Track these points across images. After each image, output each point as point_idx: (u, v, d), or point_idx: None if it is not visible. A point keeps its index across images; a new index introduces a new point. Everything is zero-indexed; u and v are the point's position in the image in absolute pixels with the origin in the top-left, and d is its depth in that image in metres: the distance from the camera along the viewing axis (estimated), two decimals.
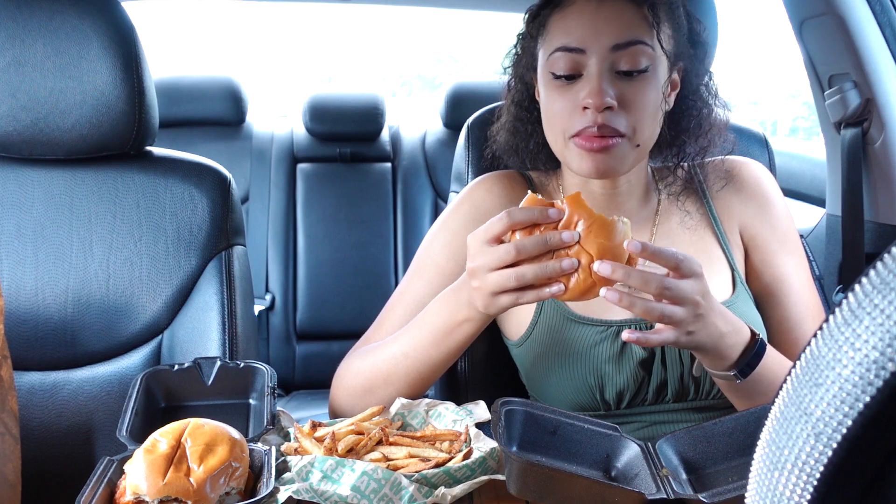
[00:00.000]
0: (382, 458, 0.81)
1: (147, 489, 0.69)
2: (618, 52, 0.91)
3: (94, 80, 1.11)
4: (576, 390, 0.98)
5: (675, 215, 1.05)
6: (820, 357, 0.27)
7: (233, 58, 4.04)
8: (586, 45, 0.92)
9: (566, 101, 0.93)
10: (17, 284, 1.14)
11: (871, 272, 0.26)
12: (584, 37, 0.92)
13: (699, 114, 1.00)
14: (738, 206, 1.05)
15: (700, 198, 1.06)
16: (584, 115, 0.91)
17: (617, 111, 0.91)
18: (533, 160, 1.07)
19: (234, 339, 1.13)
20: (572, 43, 0.93)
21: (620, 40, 0.91)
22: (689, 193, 1.06)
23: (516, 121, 1.06)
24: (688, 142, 1.01)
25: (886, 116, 1.33)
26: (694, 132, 1.00)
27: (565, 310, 1.00)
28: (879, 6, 1.31)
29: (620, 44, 0.91)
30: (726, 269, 1.02)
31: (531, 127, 1.05)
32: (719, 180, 1.06)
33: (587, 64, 0.92)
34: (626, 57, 0.91)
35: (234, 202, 1.20)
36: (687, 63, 0.99)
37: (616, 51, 0.91)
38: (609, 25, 0.92)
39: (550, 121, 0.97)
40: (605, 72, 0.91)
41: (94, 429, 1.13)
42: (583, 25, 0.93)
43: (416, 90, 4.61)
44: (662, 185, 1.06)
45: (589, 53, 0.92)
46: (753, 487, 0.31)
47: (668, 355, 0.96)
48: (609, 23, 0.92)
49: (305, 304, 2.43)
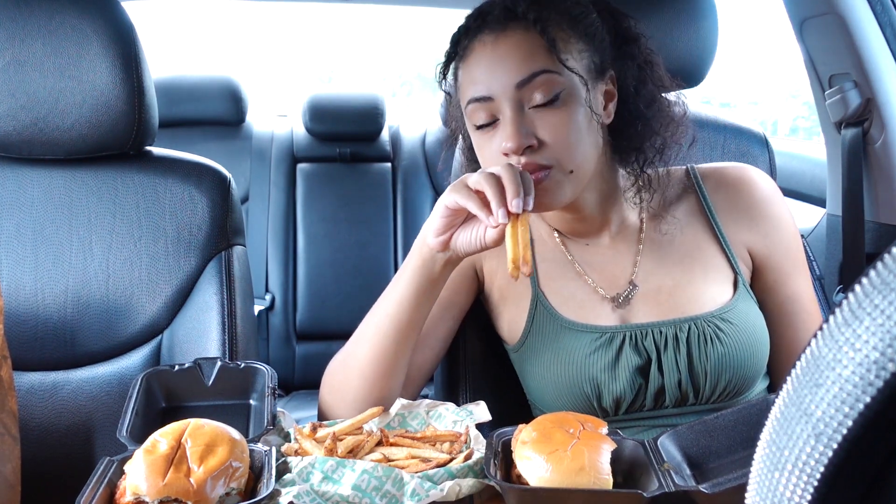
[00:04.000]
0: (383, 459, 0.80)
1: (147, 489, 0.69)
2: (523, 89, 0.89)
3: (93, 79, 1.11)
4: (573, 397, 0.97)
5: (665, 222, 1.03)
6: (820, 357, 0.27)
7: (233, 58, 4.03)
8: (492, 91, 0.90)
9: (491, 149, 0.93)
10: (17, 284, 1.14)
11: (872, 272, 0.26)
12: (487, 83, 0.91)
13: (643, 115, 0.98)
14: (747, 224, 1.03)
15: (699, 201, 1.04)
16: (509, 160, 0.91)
17: (538, 147, 0.90)
18: None
19: (234, 339, 1.13)
20: (479, 92, 0.91)
21: (522, 76, 0.89)
22: (686, 198, 1.05)
23: (471, 163, 1.05)
24: (644, 145, 0.98)
25: (887, 116, 1.33)
26: (646, 135, 0.98)
27: (558, 316, 1.00)
28: (880, 6, 1.31)
29: (522, 80, 0.89)
30: (727, 272, 1.01)
31: None
32: (719, 187, 1.04)
33: (499, 108, 0.91)
34: (533, 89, 0.89)
35: (234, 202, 1.20)
36: (618, 68, 0.96)
37: (521, 87, 0.89)
38: (507, 64, 0.90)
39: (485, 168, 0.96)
40: (515, 113, 0.89)
41: (94, 429, 1.13)
42: (483, 71, 0.91)
43: (416, 90, 4.61)
44: (645, 194, 1.03)
45: (497, 98, 0.90)
46: (754, 488, 0.31)
47: (665, 361, 0.95)
48: (506, 61, 0.90)
49: (305, 304, 2.43)
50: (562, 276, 1.03)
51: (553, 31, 0.90)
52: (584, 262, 1.03)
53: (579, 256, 1.04)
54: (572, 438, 0.76)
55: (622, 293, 1.00)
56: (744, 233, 1.03)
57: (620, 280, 1.01)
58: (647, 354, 0.96)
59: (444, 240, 0.91)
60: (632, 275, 1.01)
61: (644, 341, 0.96)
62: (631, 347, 0.96)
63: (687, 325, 0.96)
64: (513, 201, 0.82)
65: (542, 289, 1.03)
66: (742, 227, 1.03)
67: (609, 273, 1.02)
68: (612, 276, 1.02)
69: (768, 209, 1.03)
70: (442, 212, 0.89)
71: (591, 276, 1.02)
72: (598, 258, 1.03)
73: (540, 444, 0.76)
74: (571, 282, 1.02)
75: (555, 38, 0.90)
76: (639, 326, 0.97)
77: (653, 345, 0.96)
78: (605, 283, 1.01)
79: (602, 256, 1.03)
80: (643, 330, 0.96)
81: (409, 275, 0.95)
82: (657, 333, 0.96)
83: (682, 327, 0.96)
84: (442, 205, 0.89)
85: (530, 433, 0.79)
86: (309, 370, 2.39)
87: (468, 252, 0.91)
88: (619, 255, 1.03)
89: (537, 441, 0.76)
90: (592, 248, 1.04)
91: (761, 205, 1.03)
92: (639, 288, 1.00)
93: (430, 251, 0.92)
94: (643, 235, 1.03)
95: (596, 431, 0.78)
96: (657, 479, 0.74)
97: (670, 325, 0.96)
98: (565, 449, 0.74)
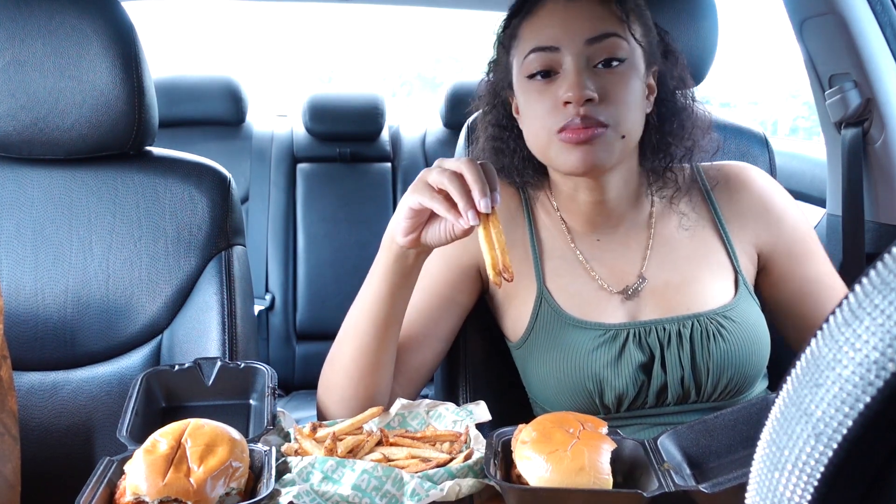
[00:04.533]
0: (383, 459, 0.80)
1: (147, 489, 0.69)
2: (592, 46, 0.92)
3: (93, 79, 1.11)
4: (574, 394, 0.97)
5: (673, 218, 1.05)
6: (820, 357, 0.27)
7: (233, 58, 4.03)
8: (560, 43, 0.92)
9: (546, 99, 0.94)
10: (17, 284, 1.14)
11: (872, 272, 0.26)
12: (556, 35, 0.93)
13: (679, 115, 1.01)
14: (752, 220, 1.04)
15: (704, 199, 1.06)
16: (566, 110, 0.91)
17: (598, 103, 0.91)
18: (520, 175, 1.07)
19: (234, 339, 1.13)
20: (545, 42, 0.93)
21: (593, 34, 0.92)
22: (691, 196, 1.06)
23: (497, 141, 1.06)
24: (672, 143, 1.01)
25: (887, 116, 1.33)
26: (677, 133, 1.01)
27: (562, 313, 1.00)
28: (880, 6, 1.31)
29: (594, 37, 0.92)
30: (729, 271, 1.01)
31: (513, 143, 1.05)
32: (722, 185, 1.06)
33: (563, 61, 0.93)
34: (601, 49, 0.92)
35: (234, 202, 1.20)
36: (661, 67, 1.01)
37: (590, 44, 0.92)
38: (580, 21, 0.92)
39: (532, 123, 0.97)
40: (581, 66, 0.92)
41: (94, 429, 1.13)
42: (554, 25, 0.93)
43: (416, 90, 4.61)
44: (655, 188, 1.06)
45: (563, 50, 0.92)
46: (753, 487, 0.31)
47: (668, 359, 0.96)
48: (580, 19, 0.93)
49: (305, 304, 2.43)
50: (568, 272, 1.03)
51: (627, 5, 0.94)
52: (593, 258, 1.03)
53: (588, 252, 1.04)
54: (572, 438, 0.76)
55: (631, 286, 1.00)
56: (749, 229, 1.04)
57: (629, 274, 1.02)
58: (650, 351, 0.96)
59: (412, 238, 0.88)
60: (641, 268, 1.02)
61: (648, 338, 0.96)
62: (634, 344, 0.96)
63: (690, 322, 0.96)
64: (481, 201, 0.79)
65: (548, 286, 1.02)
66: (746, 223, 1.04)
67: (618, 268, 1.02)
68: (620, 271, 1.02)
69: (769, 201, 1.05)
70: (406, 213, 0.86)
71: (598, 271, 1.02)
72: (607, 254, 1.03)
73: (540, 444, 0.76)
74: (578, 278, 1.02)
75: (628, 12, 0.94)
76: (642, 323, 0.97)
77: (656, 341, 0.96)
78: (613, 279, 1.02)
79: (612, 252, 1.03)
80: (647, 327, 0.97)
81: (381, 272, 0.93)
82: (661, 330, 0.96)
83: (685, 324, 0.96)
84: (406, 206, 0.85)
85: (530, 433, 0.79)
86: (309, 370, 2.39)
87: (441, 244, 0.89)
88: (628, 250, 1.03)
89: (537, 441, 0.77)
90: (603, 242, 1.04)
91: (762, 199, 1.05)
92: (648, 281, 1.01)
93: (400, 248, 0.90)
94: (653, 231, 1.04)
95: (596, 431, 0.78)
96: (657, 478, 0.74)
97: (674, 322, 0.96)
98: (565, 449, 0.74)
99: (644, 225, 1.04)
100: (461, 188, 0.80)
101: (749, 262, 1.04)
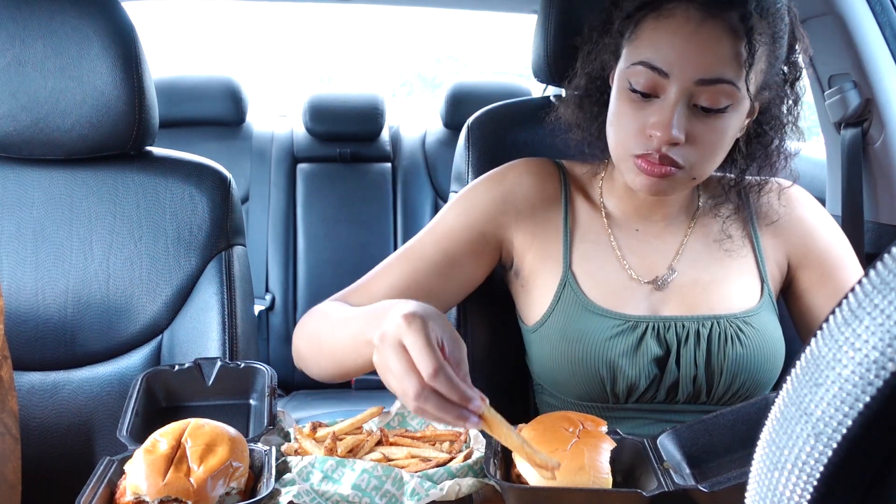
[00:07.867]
0: (383, 459, 0.81)
1: (147, 489, 0.69)
2: (700, 87, 0.87)
3: (94, 80, 1.11)
4: (586, 380, 0.97)
5: (712, 221, 1.05)
6: (820, 357, 0.27)
7: (233, 58, 4.03)
8: (671, 71, 0.87)
9: (636, 119, 0.91)
10: (17, 284, 1.14)
11: (871, 272, 0.26)
12: (671, 61, 0.87)
13: (770, 144, 0.98)
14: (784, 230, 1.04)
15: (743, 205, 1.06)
16: (649, 140, 0.89)
17: (682, 146, 0.88)
18: (591, 145, 1.04)
19: (234, 339, 1.13)
20: (658, 62, 0.88)
21: (707, 76, 0.86)
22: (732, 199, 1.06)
23: (585, 96, 1.03)
24: (751, 166, 1.00)
25: (886, 116, 1.33)
26: (760, 159, 0.99)
27: (584, 300, 0.99)
28: (879, 6, 1.31)
29: (706, 79, 0.86)
30: (756, 277, 1.02)
31: (597, 109, 1.02)
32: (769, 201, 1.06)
33: (667, 89, 0.88)
34: (708, 94, 0.87)
35: (234, 202, 1.20)
36: (773, 92, 0.95)
37: (699, 85, 0.87)
38: (699, 56, 0.86)
39: (616, 131, 0.95)
40: (681, 104, 0.87)
41: (94, 429, 1.13)
42: (674, 48, 0.87)
43: (416, 90, 4.61)
44: (705, 190, 1.06)
45: (672, 79, 0.87)
46: (753, 487, 0.31)
47: (684, 356, 0.96)
48: (700, 53, 0.86)
49: (305, 304, 2.43)
50: (599, 258, 1.02)
51: (756, 44, 0.86)
52: (627, 248, 1.03)
53: (623, 241, 1.03)
54: (572, 437, 0.76)
55: (661, 276, 1.00)
56: (781, 238, 1.04)
57: (660, 265, 1.02)
58: (667, 346, 0.96)
59: None
60: (673, 260, 1.02)
61: (666, 333, 0.97)
62: (652, 337, 0.96)
63: (710, 323, 0.97)
64: (471, 418, 0.68)
65: (574, 270, 1.01)
66: (780, 232, 1.04)
67: (649, 259, 1.02)
68: (651, 263, 1.02)
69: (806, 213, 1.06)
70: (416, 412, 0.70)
71: (629, 261, 1.02)
72: (643, 245, 1.03)
73: (539, 444, 0.76)
74: (607, 265, 1.02)
75: (753, 53, 0.86)
76: (663, 318, 0.97)
77: (674, 337, 0.96)
78: (644, 270, 1.01)
79: (647, 244, 1.03)
80: (667, 322, 0.97)
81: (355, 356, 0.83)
82: (680, 327, 0.97)
83: (705, 324, 0.96)
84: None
85: (530, 432, 0.79)
86: None
87: None
88: (664, 243, 1.03)
89: (537, 440, 0.77)
90: (642, 233, 1.04)
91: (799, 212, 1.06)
92: (677, 274, 1.00)
93: None
94: (692, 229, 1.04)
95: (595, 430, 0.78)
96: (657, 478, 0.74)
97: (694, 321, 0.97)
98: (565, 448, 0.74)
99: (685, 221, 1.05)
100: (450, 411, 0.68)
101: (777, 270, 1.04)
